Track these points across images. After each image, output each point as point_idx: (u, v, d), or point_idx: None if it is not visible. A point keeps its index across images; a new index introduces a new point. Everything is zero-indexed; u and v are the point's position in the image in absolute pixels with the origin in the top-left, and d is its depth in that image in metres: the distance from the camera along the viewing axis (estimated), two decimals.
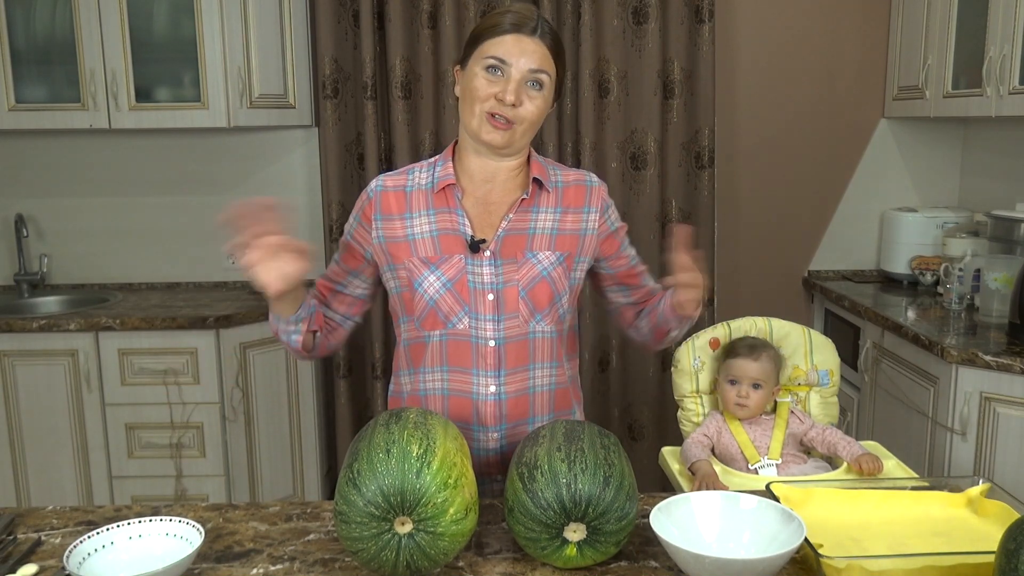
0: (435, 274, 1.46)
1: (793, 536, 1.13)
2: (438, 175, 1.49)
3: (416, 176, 1.52)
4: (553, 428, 1.27)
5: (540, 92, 1.41)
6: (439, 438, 1.17)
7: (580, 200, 1.52)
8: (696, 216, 3.21)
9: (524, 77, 1.39)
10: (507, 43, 1.39)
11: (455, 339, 1.48)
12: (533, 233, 1.49)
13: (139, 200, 3.37)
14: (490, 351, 1.47)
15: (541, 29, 1.41)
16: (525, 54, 1.39)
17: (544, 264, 1.48)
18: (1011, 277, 2.44)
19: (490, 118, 1.40)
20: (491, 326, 1.47)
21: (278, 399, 3.06)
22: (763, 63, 3.30)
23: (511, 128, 1.41)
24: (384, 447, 1.13)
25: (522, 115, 1.40)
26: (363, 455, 1.14)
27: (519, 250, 1.47)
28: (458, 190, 1.48)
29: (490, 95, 1.39)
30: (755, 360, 1.87)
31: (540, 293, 1.48)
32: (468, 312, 1.46)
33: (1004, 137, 3.03)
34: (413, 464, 1.11)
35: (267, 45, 3.03)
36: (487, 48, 1.40)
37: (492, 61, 1.39)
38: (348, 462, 1.16)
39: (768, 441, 1.83)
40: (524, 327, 1.48)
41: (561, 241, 1.50)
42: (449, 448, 1.17)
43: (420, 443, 1.14)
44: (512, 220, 1.48)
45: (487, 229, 1.49)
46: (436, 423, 1.21)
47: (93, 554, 1.16)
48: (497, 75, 1.39)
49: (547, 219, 1.50)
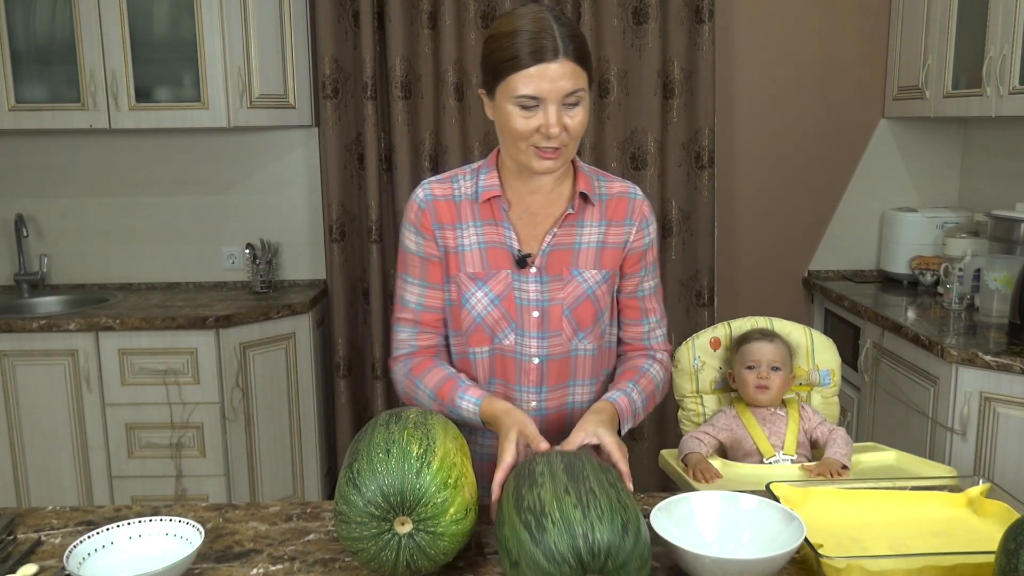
0: (483, 290, 1.45)
1: (793, 536, 1.13)
2: (483, 185, 1.44)
3: (461, 185, 1.47)
4: (550, 462, 1.15)
5: (579, 106, 1.34)
6: (439, 438, 1.17)
7: (622, 213, 1.48)
8: (696, 216, 3.21)
9: (560, 103, 1.31)
10: (533, 77, 1.30)
11: (501, 355, 1.47)
12: (579, 248, 1.46)
13: (139, 200, 3.37)
14: (533, 368, 1.47)
15: (563, 47, 1.30)
16: (555, 83, 1.30)
17: (589, 283, 1.46)
18: (1011, 277, 2.44)
19: (538, 151, 1.34)
20: (535, 343, 1.46)
21: (278, 399, 3.06)
22: (763, 63, 3.30)
23: (560, 152, 1.35)
24: (384, 447, 1.13)
25: (569, 136, 1.34)
26: (363, 455, 1.14)
27: (565, 266, 1.45)
28: (504, 202, 1.44)
29: (532, 131, 1.32)
30: (771, 342, 1.88)
31: (584, 312, 1.46)
32: (514, 328, 1.46)
33: (1004, 137, 3.03)
34: (413, 464, 1.11)
35: (267, 45, 3.03)
36: (513, 86, 1.31)
37: (523, 100, 1.31)
38: (348, 462, 1.16)
39: (782, 436, 1.83)
40: (567, 345, 1.48)
41: (606, 257, 1.47)
42: (449, 448, 1.17)
43: (420, 443, 1.14)
44: (557, 235, 1.45)
45: (531, 241, 1.46)
46: (436, 423, 1.21)
47: (93, 554, 1.16)
48: (533, 110, 1.32)
49: (592, 233, 1.47)
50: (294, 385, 3.10)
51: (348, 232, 3.28)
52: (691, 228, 3.22)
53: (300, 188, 3.38)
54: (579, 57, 1.33)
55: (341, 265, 3.26)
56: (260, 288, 3.24)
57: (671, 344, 1.63)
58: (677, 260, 3.24)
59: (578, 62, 1.32)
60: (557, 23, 1.32)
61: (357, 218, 3.31)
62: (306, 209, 3.39)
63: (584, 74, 1.34)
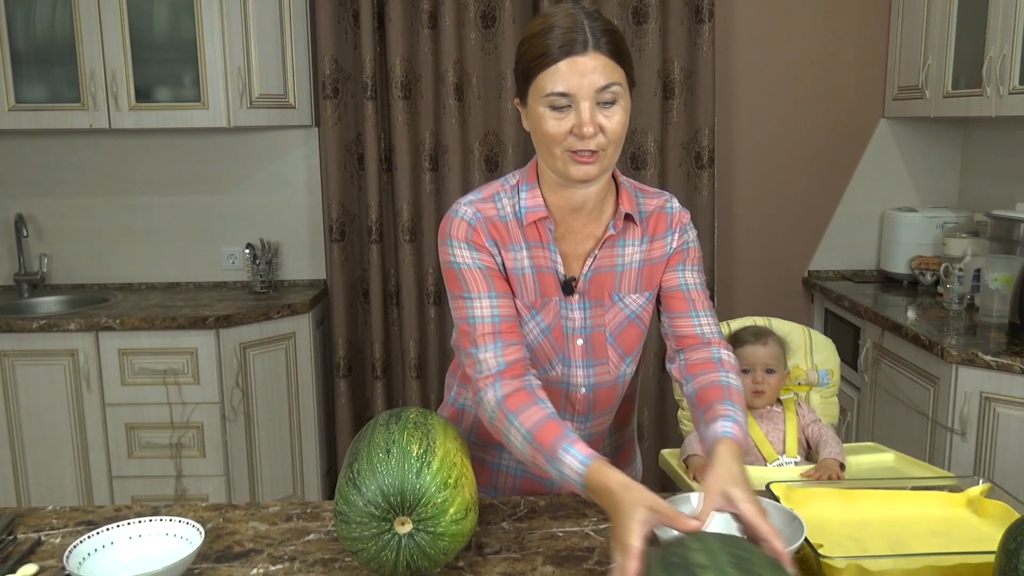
0: (535, 319, 1.38)
1: (793, 536, 1.13)
2: (526, 205, 1.35)
3: (504, 203, 1.37)
4: (710, 551, 0.91)
5: (616, 105, 1.24)
6: (439, 438, 1.17)
7: (662, 227, 1.42)
8: (696, 216, 3.20)
9: (594, 100, 1.22)
10: (562, 73, 1.21)
11: (547, 385, 1.38)
12: (621, 270, 1.39)
13: (139, 200, 3.37)
14: (580, 398, 1.42)
15: (593, 39, 1.22)
16: (585, 76, 1.21)
17: (632, 308, 1.41)
18: (1011, 277, 2.44)
19: (574, 156, 1.25)
20: (581, 372, 1.41)
21: (278, 399, 3.06)
22: (763, 63, 3.30)
23: (598, 156, 1.25)
24: (384, 447, 1.13)
25: (607, 139, 1.25)
26: (363, 455, 1.14)
27: (606, 291, 1.39)
28: (551, 223, 1.35)
29: (565, 133, 1.24)
30: (764, 345, 1.87)
31: (629, 337, 1.41)
32: (562, 359, 1.40)
33: (1004, 137, 3.03)
34: (413, 464, 1.11)
35: (267, 45, 3.03)
36: (543, 84, 1.23)
37: (554, 99, 1.22)
38: (348, 462, 1.16)
39: (781, 436, 1.83)
40: (615, 372, 1.42)
41: (648, 276, 1.41)
42: (449, 448, 1.16)
43: (420, 443, 1.14)
44: (598, 256, 1.37)
45: (573, 262, 1.38)
46: (436, 423, 1.21)
47: (93, 554, 1.16)
48: (565, 110, 1.23)
49: (634, 253, 1.40)
50: (294, 385, 3.10)
51: (348, 232, 3.28)
52: None
53: (300, 188, 3.38)
54: (613, 52, 1.24)
55: (341, 265, 3.26)
56: (260, 288, 3.24)
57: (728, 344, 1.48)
58: None
59: (612, 56, 1.23)
60: (588, 18, 1.24)
61: (357, 218, 3.31)
62: (306, 209, 3.39)
63: (620, 71, 1.25)
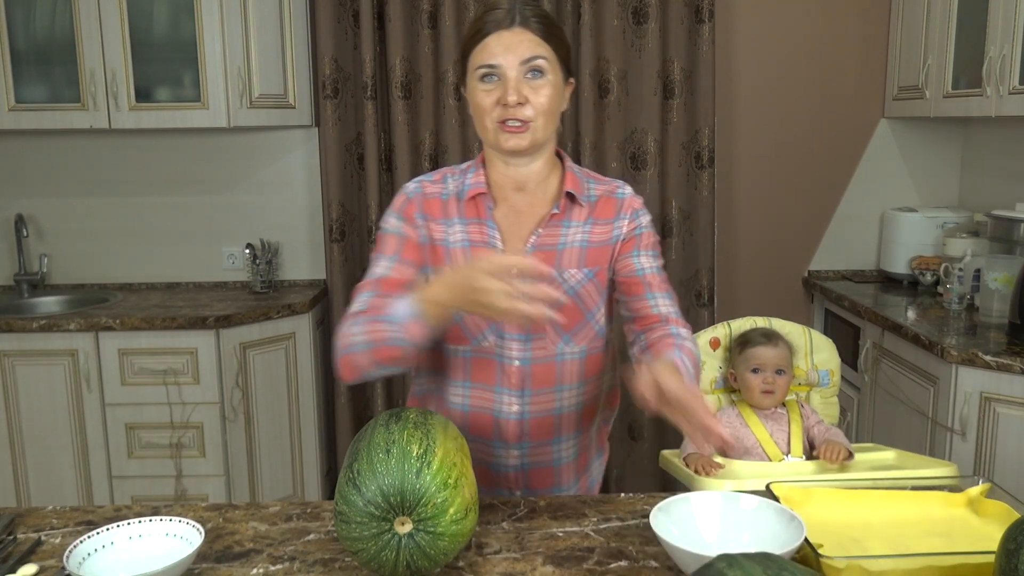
0: None
1: (793, 536, 1.13)
2: (469, 183, 1.44)
3: (450, 183, 1.47)
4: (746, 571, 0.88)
5: (544, 78, 1.34)
6: (439, 438, 1.17)
7: (611, 211, 1.46)
8: (696, 216, 3.21)
9: (520, 71, 1.33)
10: (490, 46, 1.33)
11: (480, 356, 1.44)
12: (563, 248, 1.43)
13: (139, 200, 3.37)
14: (514, 371, 1.44)
15: (521, 16, 1.34)
16: (511, 48, 1.32)
17: (571, 283, 1.43)
18: (1011, 277, 2.44)
19: (503, 126, 1.34)
20: (517, 346, 1.43)
21: (278, 399, 3.06)
22: (763, 63, 3.30)
23: (528, 127, 1.34)
24: (384, 447, 1.13)
25: (534, 111, 1.34)
26: (363, 455, 1.13)
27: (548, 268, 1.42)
28: (489, 200, 1.43)
29: (494, 104, 1.34)
30: (774, 346, 1.88)
31: (568, 313, 1.41)
32: (495, 330, 1.43)
33: (1004, 137, 3.03)
34: (413, 464, 1.11)
35: (267, 45, 3.03)
36: (475, 58, 1.35)
37: (483, 70, 1.34)
38: (348, 462, 1.16)
39: (786, 436, 1.83)
40: (552, 349, 1.44)
41: (592, 255, 1.44)
42: (449, 448, 1.16)
43: (420, 443, 1.14)
44: (541, 235, 1.43)
45: (516, 241, 1.44)
46: (436, 423, 1.21)
47: (93, 554, 1.16)
48: (493, 81, 1.34)
49: (577, 232, 1.44)
50: (294, 385, 3.10)
51: (348, 232, 3.28)
52: (691, 228, 3.22)
53: (300, 188, 3.38)
54: (540, 29, 1.34)
55: (341, 265, 3.26)
56: (260, 288, 3.24)
57: None
58: (677, 260, 3.24)
59: (538, 33, 1.34)
60: (522, 3, 1.36)
61: (357, 218, 3.31)
62: (306, 209, 3.39)
63: (546, 47, 1.35)
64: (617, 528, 1.31)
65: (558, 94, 1.37)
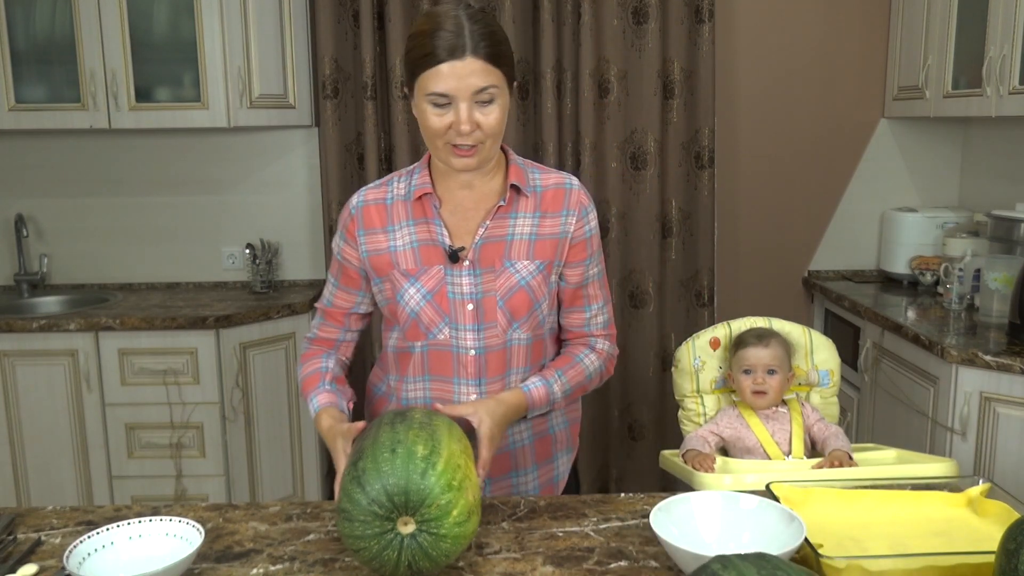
0: (415, 286, 1.46)
1: (793, 536, 1.13)
2: (415, 184, 1.48)
3: (395, 187, 1.51)
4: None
5: (494, 104, 1.36)
6: (444, 439, 1.17)
7: (559, 204, 1.49)
8: (696, 216, 3.21)
9: (471, 100, 1.34)
10: (443, 74, 1.32)
11: (436, 349, 1.49)
12: (511, 240, 1.47)
13: (139, 200, 3.37)
14: (470, 360, 1.48)
15: (472, 43, 1.32)
16: (463, 79, 1.32)
17: (522, 273, 1.47)
18: (1011, 277, 2.44)
19: (455, 149, 1.37)
20: (471, 336, 1.47)
21: (278, 399, 3.06)
22: (763, 63, 3.30)
23: (477, 149, 1.38)
24: (389, 446, 1.13)
25: (484, 134, 1.36)
26: (368, 453, 1.13)
27: (497, 258, 1.46)
28: (435, 199, 1.47)
29: (445, 128, 1.35)
30: (766, 347, 1.88)
31: (518, 302, 1.47)
32: (448, 323, 1.47)
33: (1004, 137, 3.03)
34: (418, 465, 1.11)
35: (267, 45, 3.03)
36: (426, 83, 1.34)
37: (435, 98, 1.34)
38: (352, 460, 1.15)
39: (787, 436, 1.83)
40: (502, 336, 1.48)
41: (540, 248, 1.48)
42: (454, 450, 1.16)
43: (426, 444, 1.13)
44: (489, 227, 1.46)
45: (465, 236, 1.48)
46: (441, 424, 1.21)
47: (93, 554, 1.16)
48: (445, 108, 1.35)
49: (525, 224, 1.48)
50: (294, 385, 3.10)
51: None
52: (691, 228, 3.22)
53: (300, 188, 3.38)
54: (491, 55, 1.34)
55: None
56: (260, 288, 3.24)
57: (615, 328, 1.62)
58: (677, 260, 3.24)
59: (489, 60, 1.34)
60: (470, 21, 1.34)
61: None
62: (306, 209, 3.39)
63: (497, 72, 1.35)
64: (617, 528, 1.31)
65: (505, 111, 1.39)
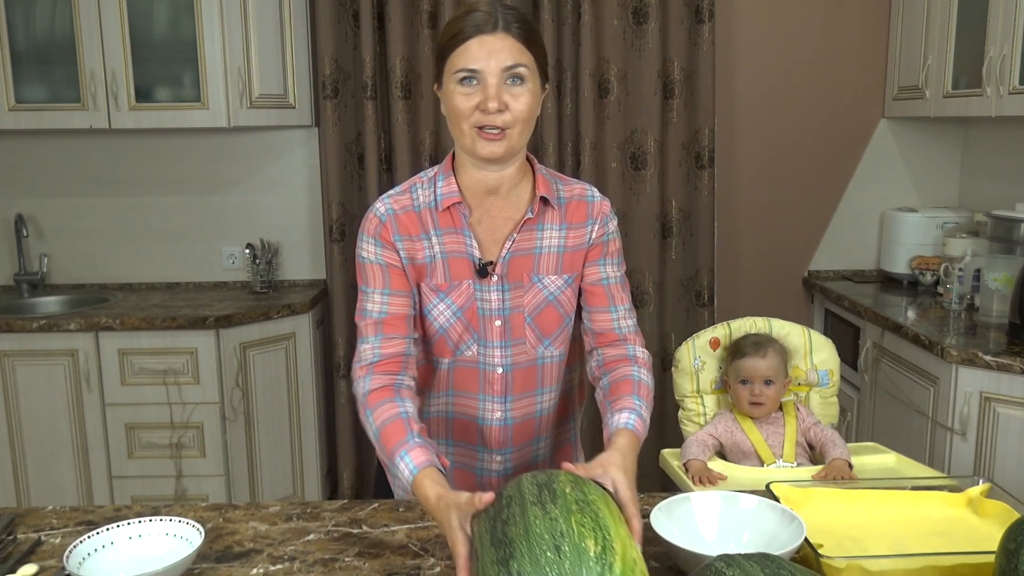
0: (445, 302, 1.41)
1: (793, 536, 1.13)
2: (441, 192, 1.40)
3: (419, 194, 1.42)
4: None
5: (523, 86, 1.31)
6: (611, 525, 0.94)
7: (582, 215, 1.45)
8: (696, 216, 3.20)
9: (500, 78, 1.29)
10: (472, 50, 1.29)
11: (463, 366, 1.45)
12: (539, 253, 1.43)
13: (139, 200, 3.37)
14: (497, 378, 1.44)
15: (504, 21, 1.29)
16: (493, 54, 1.28)
17: (551, 289, 1.43)
18: (1011, 277, 2.44)
19: (480, 132, 1.31)
20: (499, 352, 1.43)
21: (278, 399, 3.06)
22: (763, 63, 3.30)
23: (505, 135, 1.31)
24: (551, 542, 0.90)
25: (513, 118, 1.30)
26: (521, 548, 0.90)
27: (525, 273, 1.42)
28: (464, 208, 1.39)
29: (472, 108, 1.30)
30: (763, 357, 1.88)
31: (547, 318, 1.43)
32: (477, 340, 1.43)
33: (1004, 137, 3.03)
34: (592, 568, 0.87)
35: (267, 45, 3.03)
36: (455, 61, 1.30)
37: (463, 73, 1.29)
38: (497, 556, 0.92)
39: (780, 440, 1.83)
40: (532, 353, 1.44)
41: (568, 260, 1.44)
42: (623, 534, 0.95)
43: (594, 535, 0.91)
44: (516, 240, 1.41)
45: (491, 246, 1.42)
46: (598, 499, 0.99)
47: (93, 554, 1.16)
48: (473, 85, 1.30)
49: (552, 237, 1.43)
50: (294, 385, 3.10)
51: (348, 232, 3.28)
52: (691, 228, 3.22)
53: (300, 188, 3.38)
54: (523, 36, 1.31)
55: (341, 265, 3.26)
56: (260, 288, 3.24)
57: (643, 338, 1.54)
58: (677, 260, 3.24)
59: (520, 39, 1.31)
60: (503, 7, 1.32)
61: (357, 218, 3.30)
62: (306, 209, 3.39)
63: (528, 54, 1.32)
64: None
65: (536, 101, 1.34)
